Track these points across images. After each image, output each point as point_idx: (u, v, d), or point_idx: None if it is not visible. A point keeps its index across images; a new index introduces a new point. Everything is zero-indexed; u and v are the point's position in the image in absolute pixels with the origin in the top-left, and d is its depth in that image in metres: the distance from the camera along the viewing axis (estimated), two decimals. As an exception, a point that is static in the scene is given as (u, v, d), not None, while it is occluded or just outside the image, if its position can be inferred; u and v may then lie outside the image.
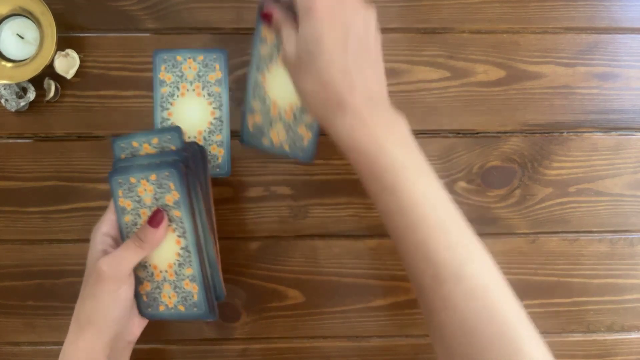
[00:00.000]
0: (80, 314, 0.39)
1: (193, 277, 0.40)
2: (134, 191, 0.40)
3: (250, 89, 0.46)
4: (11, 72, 0.46)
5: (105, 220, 0.42)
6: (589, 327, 0.51)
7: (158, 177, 0.39)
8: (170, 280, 0.41)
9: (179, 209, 0.39)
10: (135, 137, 0.41)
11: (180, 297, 0.41)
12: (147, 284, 0.42)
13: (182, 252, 0.40)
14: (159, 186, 0.39)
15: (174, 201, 0.39)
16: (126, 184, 0.40)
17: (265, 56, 0.44)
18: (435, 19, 0.49)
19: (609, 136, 0.50)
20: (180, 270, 0.41)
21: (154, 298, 0.42)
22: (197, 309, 0.41)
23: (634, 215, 0.50)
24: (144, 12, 0.48)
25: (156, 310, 0.42)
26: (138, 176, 0.40)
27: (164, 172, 0.39)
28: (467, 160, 0.49)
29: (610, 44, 0.49)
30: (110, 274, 0.38)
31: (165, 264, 0.41)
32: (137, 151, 0.41)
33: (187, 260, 0.40)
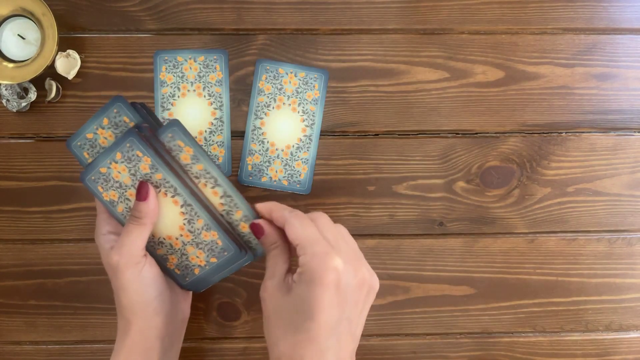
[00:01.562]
0: (122, 310, 0.40)
1: (207, 225, 0.39)
2: (110, 179, 0.39)
3: (248, 133, 0.48)
4: (12, 72, 0.46)
5: (101, 222, 0.42)
6: (587, 326, 0.51)
7: (122, 153, 0.38)
8: (189, 241, 0.40)
9: (157, 171, 0.38)
10: (86, 130, 0.40)
11: (207, 250, 0.40)
12: (172, 257, 0.41)
13: (185, 209, 0.39)
14: (129, 161, 0.38)
15: (150, 166, 0.38)
16: (100, 177, 0.39)
17: (263, 104, 0.47)
18: (434, 19, 0.49)
19: (607, 136, 0.50)
20: (192, 226, 0.40)
21: (185, 266, 0.41)
22: (227, 252, 0.40)
23: (632, 215, 0.50)
24: (145, 12, 0.48)
25: (193, 275, 0.42)
26: (104, 163, 0.39)
27: (125, 145, 0.38)
28: (466, 161, 0.50)
29: (608, 45, 0.50)
30: (125, 261, 0.38)
31: (176, 228, 0.40)
32: (95, 141, 0.40)
33: (193, 214, 0.39)
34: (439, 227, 0.50)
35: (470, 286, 0.50)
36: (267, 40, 0.49)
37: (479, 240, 0.50)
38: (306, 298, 0.35)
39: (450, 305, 0.50)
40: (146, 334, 0.39)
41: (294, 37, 0.49)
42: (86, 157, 0.41)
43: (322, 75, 0.49)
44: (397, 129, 0.49)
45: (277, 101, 0.48)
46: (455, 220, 0.50)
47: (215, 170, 0.39)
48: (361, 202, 0.50)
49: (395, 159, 0.49)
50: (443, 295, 0.50)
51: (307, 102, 0.48)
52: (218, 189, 0.39)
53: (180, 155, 0.39)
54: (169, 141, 0.38)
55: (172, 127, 0.38)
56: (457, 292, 0.50)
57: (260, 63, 0.48)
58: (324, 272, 0.35)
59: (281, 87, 0.48)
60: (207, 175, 0.39)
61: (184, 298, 0.44)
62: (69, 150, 0.41)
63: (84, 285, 0.49)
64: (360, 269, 0.37)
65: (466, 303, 0.50)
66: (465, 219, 0.50)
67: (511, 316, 0.50)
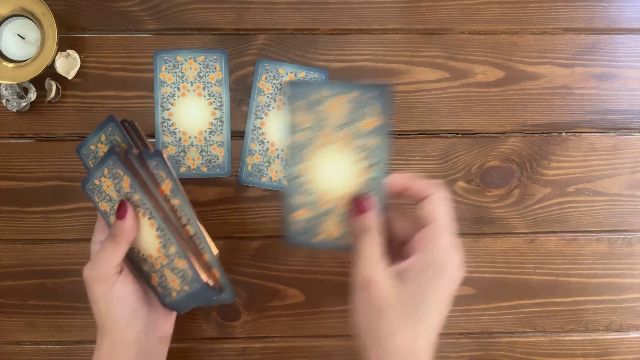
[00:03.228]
0: (97, 321, 0.39)
1: (178, 254, 0.39)
2: (102, 191, 0.40)
3: (248, 133, 0.47)
4: (12, 72, 0.46)
5: (97, 229, 0.42)
6: (588, 326, 0.51)
7: (109, 169, 0.39)
8: (165, 264, 0.40)
9: (135, 192, 0.38)
10: (89, 141, 0.41)
11: (180, 277, 0.40)
12: (154, 276, 0.41)
13: (160, 233, 0.39)
14: (113, 177, 0.39)
15: (130, 185, 0.38)
16: (95, 187, 0.40)
17: (263, 104, 0.47)
18: (434, 19, 0.49)
19: (607, 136, 0.50)
20: (167, 251, 0.39)
21: (164, 287, 0.41)
22: (196, 283, 0.39)
23: (632, 215, 0.50)
24: (145, 12, 0.48)
25: (171, 298, 0.41)
26: (97, 176, 0.40)
27: (109, 163, 0.38)
28: (466, 161, 0.50)
29: (608, 45, 0.50)
30: (95, 277, 0.38)
31: (155, 250, 0.40)
32: (97, 153, 0.41)
33: (167, 239, 0.39)
34: (439, 227, 0.50)
35: (470, 286, 0.50)
36: (267, 40, 0.49)
37: (479, 240, 0.50)
38: (432, 289, 0.33)
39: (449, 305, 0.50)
40: (117, 348, 0.39)
41: (294, 37, 0.49)
42: (89, 167, 0.41)
43: (322, 75, 0.49)
44: (397, 129, 0.49)
45: (277, 101, 0.48)
46: (455, 220, 0.50)
47: (189, 210, 0.39)
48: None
49: (396, 159, 0.49)
50: (443, 295, 0.50)
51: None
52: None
53: (162, 185, 0.39)
54: (154, 168, 0.38)
55: (156, 157, 0.38)
56: (457, 291, 0.50)
57: (260, 63, 0.48)
58: (456, 270, 0.34)
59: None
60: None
61: (165, 316, 0.42)
62: (78, 155, 0.42)
63: (84, 285, 0.49)
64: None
65: (466, 303, 0.50)
66: (465, 219, 0.50)
67: (511, 316, 0.50)
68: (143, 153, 0.38)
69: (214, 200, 0.49)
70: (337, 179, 0.36)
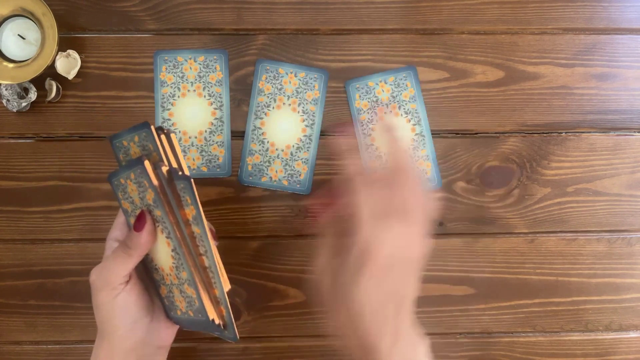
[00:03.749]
0: (98, 325, 0.39)
1: (189, 280, 0.37)
2: (127, 192, 0.38)
3: (248, 133, 0.47)
4: (13, 72, 0.46)
5: (116, 224, 0.41)
6: (588, 326, 0.51)
7: (135, 176, 0.37)
8: (175, 284, 0.39)
9: (158, 207, 0.36)
10: (124, 135, 0.39)
11: (187, 302, 0.38)
12: (163, 288, 0.40)
13: (174, 254, 0.38)
14: (139, 185, 0.37)
15: (152, 199, 0.36)
16: (120, 185, 0.38)
17: (263, 104, 0.47)
18: (434, 20, 0.49)
19: (607, 136, 0.50)
20: (179, 273, 0.38)
21: (171, 302, 0.40)
22: (201, 315, 0.38)
23: (632, 215, 0.50)
24: (145, 13, 0.48)
25: (175, 314, 0.40)
26: (124, 176, 0.38)
27: (137, 170, 0.36)
28: (466, 161, 0.50)
29: (608, 45, 0.50)
30: (101, 284, 0.37)
31: (167, 267, 0.39)
32: (128, 150, 0.39)
33: (180, 263, 0.37)
34: (439, 227, 0.50)
35: (470, 286, 0.50)
36: (267, 40, 0.49)
37: (479, 240, 0.50)
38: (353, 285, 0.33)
39: (450, 305, 0.50)
40: (115, 353, 0.38)
41: (294, 37, 0.49)
42: (120, 160, 0.40)
43: (322, 75, 0.49)
44: (397, 129, 0.49)
45: (277, 101, 0.48)
46: (456, 220, 0.50)
47: (208, 242, 0.37)
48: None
49: (395, 159, 0.49)
50: (443, 295, 0.50)
51: (307, 102, 0.49)
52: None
53: (186, 209, 0.37)
54: (181, 190, 0.36)
55: (184, 180, 0.36)
56: (457, 292, 0.50)
57: (260, 63, 0.48)
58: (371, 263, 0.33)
59: (281, 87, 0.48)
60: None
61: (167, 326, 0.41)
62: (110, 145, 0.40)
63: (83, 285, 0.49)
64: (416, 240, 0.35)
65: (466, 303, 0.50)
66: (465, 219, 0.50)
67: (511, 316, 0.50)
68: (172, 172, 0.36)
69: (214, 200, 0.49)
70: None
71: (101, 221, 0.49)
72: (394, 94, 0.49)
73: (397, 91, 0.49)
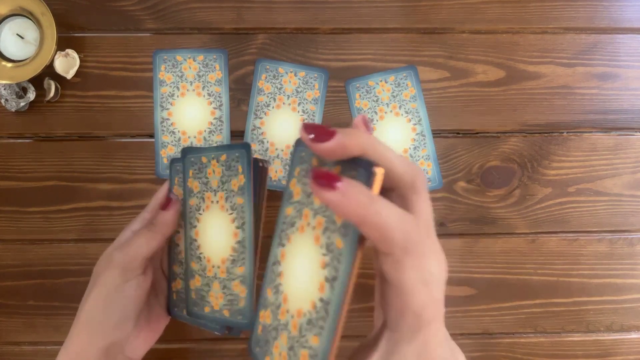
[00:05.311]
0: (80, 312, 0.37)
1: (244, 278, 0.35)
2: (204, 172, 0.38)
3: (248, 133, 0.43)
4: (11, 72, 0.46)
5: (139, 218, 0.40)
6: (589, 327, 0.51)
7: (228, 158, 0.37)
8: (220, 278, 0.37)
9: (242, 196, 0.36)
10: (204, 152, 0.39)
11: (227, 299, 0.37)
12: (197, 279, 0.38)
13: (238, 247, 0.36)
14: (228, 168, 0.37)
15: (239, 187, 0.36)
16: (197, 163, 0.38)
17: (263, 104, 0.45)
18: (435, 19, 0.49)
19: (608, 136, 0.50)
20: (233, 268, 0.36)
21: (201, 296, 0.38)
22: (242, 317, 0.36)
23: (633, 215, 0.50)
24: (144, 12, 0.48)
25: (201, 310, 0.38)
26: (209, 155, 0.38)
27: (234, 153, 0.36)
28: (466, 160, 0.49)
29: (609, 44, 0.49)
30: (120, 260, 0.36)
31: (219, 258, 0.37)
32: (204, 167, 0.39)
33: (240, 257, 0.36)
34: (440, 227, 0.50)
35: (471, 287, 0.50)
36: (266, 39, 0.49)
37: (479, 241, 0.50)
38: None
39: (451, 306, 0.50)
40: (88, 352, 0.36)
41: (294, 36, 0.49)
42: (174, 181, 0.40)
43: (322, 74, 0.48)
44: (398, 128, 0.49)
45: (277, 101, 0.48)
46: (456, 220, 0.50)
47: (249, 215, 0.35)
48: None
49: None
50: (443, 296, 0.50)
51: (307, 102, 0.48)
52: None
53: (232, 179, 0.36)
54: (233, 159, 0.36)
55: (241, 149, 0.35)
56: (458, 292, 0.50)
57: (260, 62, 0.48)
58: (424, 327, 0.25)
59: (281, 87, 0.48)
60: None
61: (145, 337, 0.39)
62: (181, 157, 0.39)
63: (83, 286, 0.48)
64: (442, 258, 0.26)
65: (467, 303, 0.50)
66: (466, 219, 0.50)
67: (512, 317, 0.50)
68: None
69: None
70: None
71: (100, 221, 0.49)
72: (395, 93, 0.48)
73: (398, 91, 0.48)
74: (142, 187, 0.48)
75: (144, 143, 0.48)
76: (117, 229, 0.48)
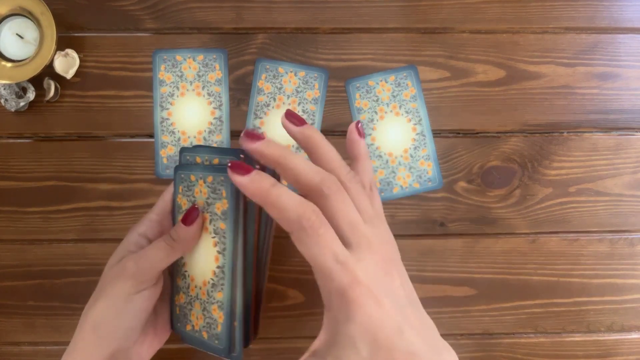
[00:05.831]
0: (87, 318, 0.36)
1: (222, 304, 0.35)
2: (192, 190, 0.36)
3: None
4: (11, 72, 0.46)
5: (145, 220, 0.39)
6: (589, 327, 0.51)
7: (214, 180, 0.35)
8: (201, 299, 0.37)
9: (225, 221, 0.35)
10: (194, 170, 0.37)
11: (206, 321, 0.36)
12: (181, 296, 0.38)
13: (218, 272, 0.35)
14: (213, 191, 0.35)
15: (222, 211, 0.35)
16: (187, 180, 0.37)
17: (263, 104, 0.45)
18: (435, 19, 0.49)
19: (609, 136, 0.50)
20: (213, 291, 0.36)
21: (184, 314, 0.38)
22: (218, 342, 0.36)
23: (634, 215, 0.50)
24: (144, 12, 0.48)
25: (183, 327, 0.38)
26: (198, 175, 0.36)
27: (219, 176, 0.35)
28: (467, 160, 0.49)
29: (610, 44, 0.49)
30: (134, 272, 0.35)
31: (201, 279, 0.36)
32: (192, 186, 0.38)
33: (219, 283, 0.35)
34: (440, 227, 0.49)
35: (471, 287, 0.50)
36: (266, 39, 0.48)
37: (480, 241, 0.50)
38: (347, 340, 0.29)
39: (451, 306, 0.50)
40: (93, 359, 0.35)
41: (294, 36, 0.49)
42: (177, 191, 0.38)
43: (322, 74, 0.48)
44: (398, 128, 0.49)
45: (276, 100, 0.48)
46: (456, 220, 0.50)
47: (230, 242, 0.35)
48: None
49: (396, 159, 0.49)
50: (444, 296, 0.50)
51: (307, 102, 0.48)
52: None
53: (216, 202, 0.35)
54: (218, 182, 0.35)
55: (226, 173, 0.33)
56: (458, 292, 0.50)
57: (260, 62, 0.48)
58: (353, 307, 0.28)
59: (281, 87, 0.48)
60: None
61: (150, 344, 0.39)
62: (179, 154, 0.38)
63: (82, 286, 0.49)
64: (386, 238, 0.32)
65: (467, 304, 0.50)
66: (466, 219, 0.50)
67: (512, 317, 0.50)
68: None
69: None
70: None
71: (100, 221, 0.49)
72: (395, 93, 0.48)
73: (398, 90, 0.48)
74: (141, 187, 0.48)
75: (143, 143, 0.48)
76: (117, 229, 0.48)
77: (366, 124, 0.48)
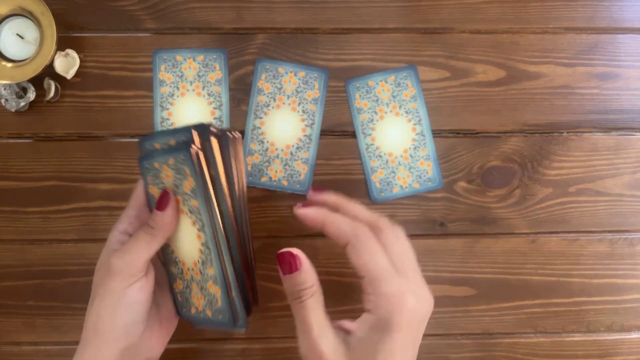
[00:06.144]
0: (87, 323, 0.36)
1: (215, 278, 0.36)
2: (159, 177, 0.36)
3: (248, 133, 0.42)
4: (11, 72, 0.46)
5: (124, 218, 0.39)
6: (589, 327, 0.51)
7: (175, 161, 0.35)
8: (197, 279, 0.37)
9: (195, 198, 0.35)
10: (155, 157, 0.37)
11: (206, 300, 0.37)
12: (179, 282, 0.38)
13: (204, 249, 0.36)
14: (177, 171, 0.35)
15: (191, 189, 0.35)
16: (152, 168, 0.37)
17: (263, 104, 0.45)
18: (435, 19, 0.49)
19: (609, 136, 0.50)
20: (204, 268, 0.36)
21: (186, 298, 0.38)
22: (222, 316, 0.37)
23: (634, 215, 0.50)
24: (144, 12, 0.48)
25: (189, 312, 0.39)
26: (160, 160, 0.36)
27: (180, 156, 0.34)
28: (467, 160, 0.49)
29: (610, 44, 0.49)
30: (120, 267, 0.35)
31: (191, 261, 0.37)
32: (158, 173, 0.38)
33: (208, 259, 0.36)
34: (440, 227, 0.50)
35: (471, 287, 0.50)
36: (266, 39, 0.48)
37: (480, 241, 0.50)
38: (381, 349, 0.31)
39: (451, 306, 0.50)
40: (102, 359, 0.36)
41: (294, 36, 0.49)
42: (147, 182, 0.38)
43: (322, 74, 0.48)
44: (398, 128, 0.49)
45: (276, 101, 0.48)
46: (456, 220, 0.50)
47: (206, 217, 0.35)
48: (361, 203, 0.49)
49: (396, 159, 0.49)
50: (444, 296, 0.50)
51: (307, 102, 0.48)
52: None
53: (183, 182, 0.35)
54: (180, 162, 0.35)
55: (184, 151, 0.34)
56: (458, 292, 0.50)
57: (260, 62, 0.48)
58: (399, 317, 0.31)
59: (281, 87, 0.48)
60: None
61: (159, 336, 0.39)
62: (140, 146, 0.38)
63: (82, 286, 0.49)
64: (426, 294, 0.35)
65: (467, 304, 0.50)
66: (466, 219, 0.50)
67: (512, 317, 0.50)
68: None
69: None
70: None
71: (100, 221, 0.49)
72: (395, 93, 0.48)
73: (398, 90, 0.48)
74: (141, 187, 0.48)
75: (143, 143, 0.48)
76: (117, 229, 0.48)
77: (366, 124, 0.48)
